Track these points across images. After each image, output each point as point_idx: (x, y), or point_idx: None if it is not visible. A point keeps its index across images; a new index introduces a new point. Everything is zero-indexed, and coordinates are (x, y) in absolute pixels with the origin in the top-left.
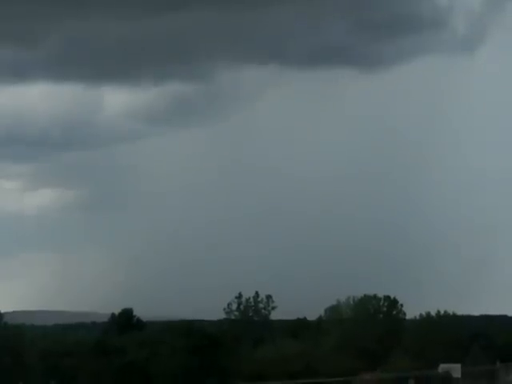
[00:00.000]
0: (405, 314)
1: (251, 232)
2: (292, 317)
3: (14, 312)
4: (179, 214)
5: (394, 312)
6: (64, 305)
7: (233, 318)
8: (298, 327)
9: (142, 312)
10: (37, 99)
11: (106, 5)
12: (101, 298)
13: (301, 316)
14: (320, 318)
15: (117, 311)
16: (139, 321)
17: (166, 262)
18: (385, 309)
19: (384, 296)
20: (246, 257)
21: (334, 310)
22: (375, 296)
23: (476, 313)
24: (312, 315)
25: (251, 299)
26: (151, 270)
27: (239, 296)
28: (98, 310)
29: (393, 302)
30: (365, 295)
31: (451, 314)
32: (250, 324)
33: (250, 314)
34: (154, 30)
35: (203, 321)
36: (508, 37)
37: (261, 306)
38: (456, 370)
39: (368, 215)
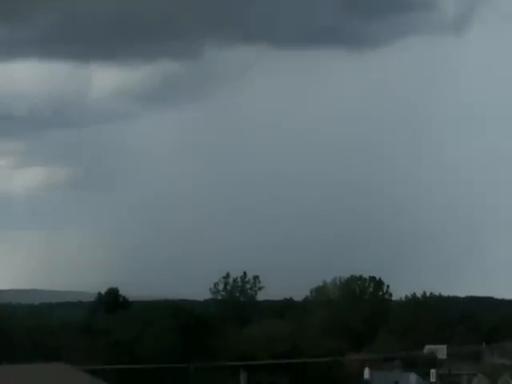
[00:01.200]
0: (391, 294)
1: (239, 213)
2: (278, 297)
3: (1, 291)
4: (168, 194)
5: (380, 293)
6: (51, 284)
7: (219, 298)
8: (285, 307)
9: (129, 291)
10: (26, 77)
11: None
12: (88, 278)
13: (287, 296)
14: (306, 299)
15: (103, 291)
16: (125, 300)
17: (153, 242)
18: (371, 290)
19: (370, 277)
20: (233, 237)
21: (320, 291)
22: (361, 277)
23: (462, 294)
24: (298, 296)
25: (238, 279)
26: (138, 250)
27: (227, 276)
28: (85, 289)
29: (378, 283)
30: (351, 276)
31: (437, 295)
32: (236, 304)
33: (237, 295)
34: (143, 8)
35: (189, 301)
36: (497, 18)
37: (248, 286)
38: (442, 350)
39: (355, 198)
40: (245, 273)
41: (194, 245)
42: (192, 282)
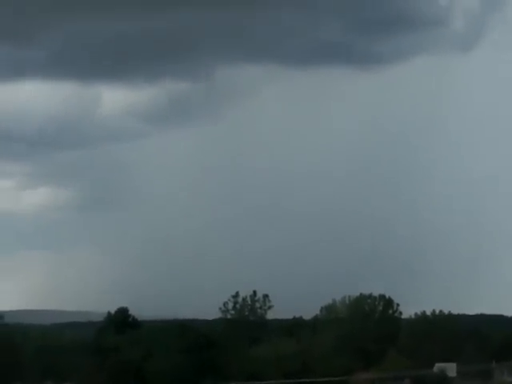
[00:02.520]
0: (400, 313)
1: (248, 232)
2: (288, 316)
3: (11, 311)
4: (175, 213)
5: (390, 311)
6: (61, 304)
7: (229, 317)
8: (294, 326)
9: (138, 311)
10: (32, 97)
11: (105, 4)
12: (97, 297)
13: (297, 315)
14: (316, 317)
15: (113, 310)
16: (135, 320)
17: (161, 262)
18: (380, 308)
19: (379, 295)
20: (242, 256)
21: (329, 309)
22: (371, 295)
23: (471, 312)
24: (308, 314)
25: (248, 298)
26: (147, 270)
27: (236, 295)
28: (95, 309)
29: (388, 302)
30: (360, 294)
31: (447, 313)
32: (246, 323)
33: (246, 313)
34: (152, 28)
35: (199, 320)
36: (506, 35)
37: (257, 305)
38: (451, 369)
39: (365, 216)
40: (254, 292)
41: (204, 264)
42: (201, 301)
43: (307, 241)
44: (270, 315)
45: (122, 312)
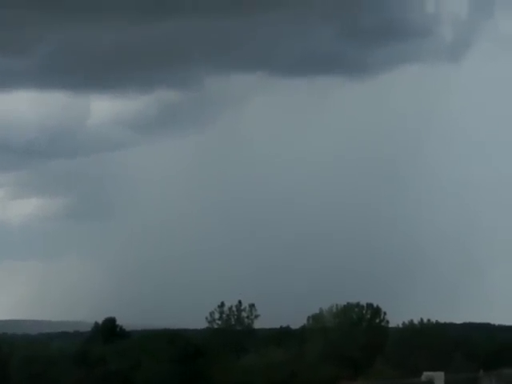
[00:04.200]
0: (388, 322)
1: (235, 241)
2: (275, 325)
3: None
4: (164, 224)
5: (377, 320)
6: (48, 314)
7: (215, 327)
8: (282, 336)
9: (126, 321)
10: (23, 107)
11: (95, 14)
12: (85, 308)
13: (284, 324)
14: (303, 327)
15: (100, 320)
16: (122, 330)
17: (149, 272)
18: (368, 317)
19: (367, 304)
20: (229, 265)
21: (317, 319)
22: (358, 304)
23: (459, 321)
24: (295, 324)
25: (234, 308)
26: (135, 280)
27: (221, 305)
28: (82, 319)
29: (376, 310)
30: (348, 303)
31: (434, 322)
32: (232, 333)
33: (233, 323)
34: (141, 37)
35: (186, 330)
36: (493, 45)
37: (244, 314)
38: (439, 377)
39: (351, 226)
40: (240, 301)
41: (192, 274)
42: (190, 311)
43: (294, 250)
44: (257, 325)
45: (110, 322)
